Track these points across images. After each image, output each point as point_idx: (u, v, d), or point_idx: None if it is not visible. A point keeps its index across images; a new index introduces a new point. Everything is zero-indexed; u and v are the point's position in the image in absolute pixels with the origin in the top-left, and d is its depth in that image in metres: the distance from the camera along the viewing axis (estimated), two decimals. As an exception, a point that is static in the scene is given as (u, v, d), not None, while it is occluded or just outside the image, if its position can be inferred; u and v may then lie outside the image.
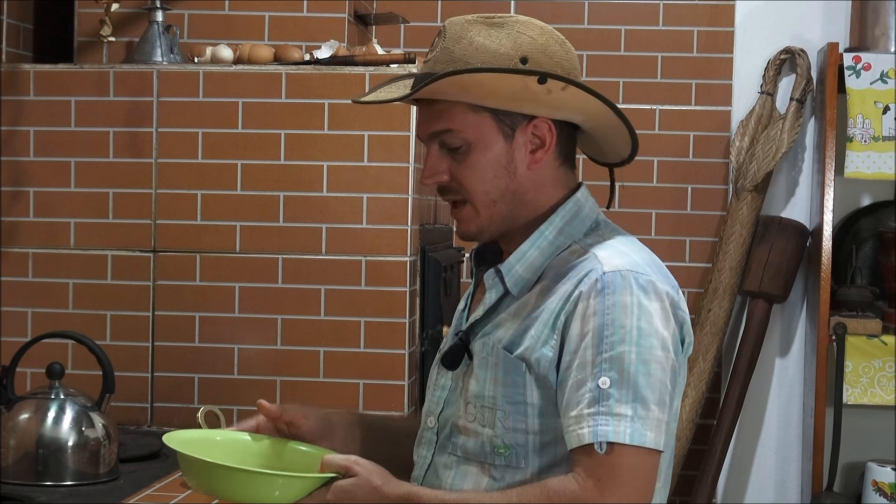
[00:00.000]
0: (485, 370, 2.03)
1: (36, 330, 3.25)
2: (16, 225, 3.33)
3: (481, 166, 2.03)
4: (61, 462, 2.67)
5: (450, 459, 2.07)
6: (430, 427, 2.12)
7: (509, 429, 1.99)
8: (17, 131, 3.33)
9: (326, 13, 3.51)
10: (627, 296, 1.92)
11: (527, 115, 2.03)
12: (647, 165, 4.08)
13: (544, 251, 2.04)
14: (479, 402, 2.03)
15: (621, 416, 1.87)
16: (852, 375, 3.81)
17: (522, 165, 2.04)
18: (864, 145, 3.76)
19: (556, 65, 2.01)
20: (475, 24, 2.02)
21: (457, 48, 2.01)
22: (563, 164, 2.08)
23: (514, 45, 2.00)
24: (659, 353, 1.92)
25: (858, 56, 3.78)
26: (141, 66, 3.34)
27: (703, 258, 4.09)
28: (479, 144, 2.02)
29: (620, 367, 1.89)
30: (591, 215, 2.08)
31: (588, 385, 1.89)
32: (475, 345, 2.06)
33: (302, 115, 3.27)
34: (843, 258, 4.05)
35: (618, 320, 1.91)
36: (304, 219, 3.27)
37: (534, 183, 2.05)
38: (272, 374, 3.27)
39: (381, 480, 1.95)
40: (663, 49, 4.08)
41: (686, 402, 3.95)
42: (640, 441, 1.88)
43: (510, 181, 2.04)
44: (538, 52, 2.00)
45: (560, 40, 2.04)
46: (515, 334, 2.00)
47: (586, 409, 1.88)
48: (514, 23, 2.02)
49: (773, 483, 4.15)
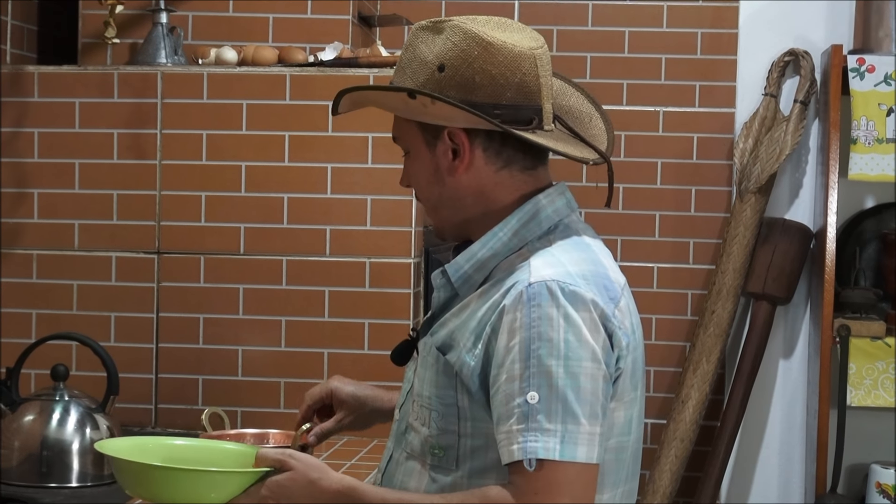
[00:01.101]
0: (424, 369, 2.04)
1: (40, 331, 3.25)
2: (20, 226, 3.33)
3: (416, 174, 2.08)
4: (65, 464, 2.68)
5: (401, 455, 2.08)
6: (396, 419, 2.14)
7: (443, 430, 1.99)
8: (21, 132, 3.33)
9: (330, 15, 3.51)
10: (553, 308, 1.89)
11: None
12: (651, 167, 4.08)
13: (497, 252, 2.02)
14: (420, 401, 2.03)
15: (550, 431, 1.85)
16: (856, 377, 3.81)
17: (447, 172, 2.04)
18: (867, 147, 3.76)
19: (475, 71, 1.98)
20: (424, 31, 2.04)
21: (404, 55, 2.06)
22: (503, 168, 2.04)
23: (438, 53, 2.00)
24: (588, 365, 1.88)
25: (862, 58, 3.77)
26: (145, 68, 3.34)
27: (707, 260, 4.09)
28: (413, 152, 2.07)
29: (549, 382, 1.86)
30: (554, 218, 2.04)
31: (517, 400, 1.87)
32: (421, 343, 2.07)
33: (306, 117, 3.27)
34: (846, 260, 4.05)
35: (545, 333, 1.88)
36: (308, 220, 3.28)
37: (469, 188, 2.04)
38: (276, 376, 3.27)
39: (317, 474, 1.93)
40: (667, 51, 4.08)
41: (689, 404, 3.95)
42: (571, 456, 1.85)
43: (441, 188, 2.05)
44: (456, 58, 1.99)
45: (484, 44, 1.98)
46: (448, 336, 2.00)
47: (515, 426, 1.86)
48: (450, 28, 2.01)
49: (776, 485, 4.15)
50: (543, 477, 1.84)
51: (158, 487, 1.93)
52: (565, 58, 4.05)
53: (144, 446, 2.10)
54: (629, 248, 4.06)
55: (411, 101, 1.98)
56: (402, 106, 2.02)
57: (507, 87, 1.99)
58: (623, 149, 4.04)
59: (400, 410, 2.12)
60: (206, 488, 1.91)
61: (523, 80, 2.00)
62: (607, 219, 4.02)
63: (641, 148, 4.06)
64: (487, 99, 1.97)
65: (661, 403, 4.08)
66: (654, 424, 4.07)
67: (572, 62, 4.06)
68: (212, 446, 2.14)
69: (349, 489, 1.93)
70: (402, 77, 2.04)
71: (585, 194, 2.37)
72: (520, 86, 1.99)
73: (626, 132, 4.04)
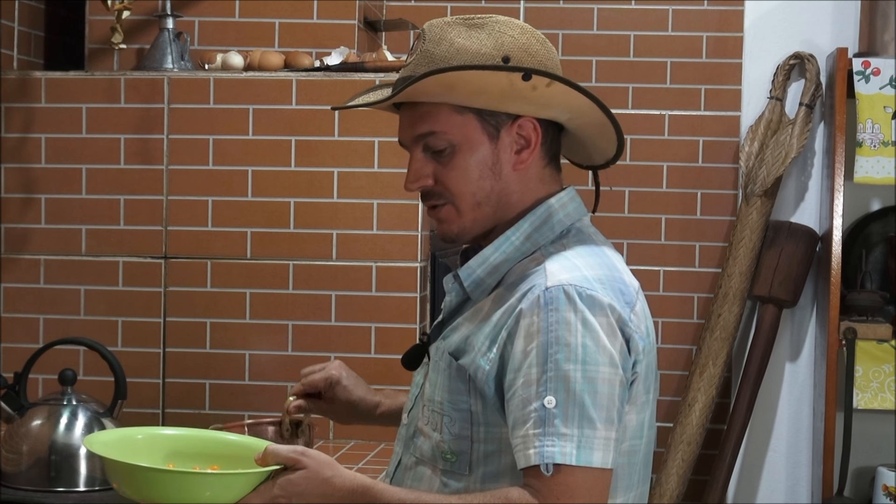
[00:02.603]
0: (436, 374, 2.02)
1: (48, 336, 3.25)
2: (27, 231, 3.34)
3: (467, 168, 2.00)
4: (74, 468, 2.68)
5: (410, 460, 2.06)
6: (404, 423, 2.12)
7: (455, 435, 1.97)
8: (28, 138, 3.34)
9: (336, 20, 3.52)
10: (571, 312, 1.88)
11: (511, 115, 2.00)
12: (657, 170, 4.08)
13: (509, 256, 2.02)
14: (431, 406, 2.02)
15: (567, 436, 1.85)
16: (862, 380, 3.81)
17: (508, 166, 2.01)
18: (873, 150, 3.76)
19: (538, 63, 1.99)
20: (455, 26, 2.00)
21: (437, 50, 1.99)
22: (548, 164, 2.05)
23: (496, 45, 1.98)
24: (605, 370, 1.88)
25: (868, 61, 3.78)
26: (152, 73, 3.34)
27: (713, 263, 4.09)
28: (464, 146, 2.00)
29: (566, 387, 1.86)
30: (565, 221, 2.04)
31: (534, 405, 1.86)
32: (432, 347, 2.06)
33: (312, 122, 3.28)
34: (852, 263, 4.04)
35: (562, 338, 1.87)
36: (315, 225, 3.28)
37: (519, 184, 2.03)
38: (283, 380, 3.28)
39: (330, 472, 1.89)
40: (672, 54, 4.09)
41: (696, 407, 3.95)
42: (587, 461, 1.85)
43: (495, 182, 2.01)
44: (520, 50, 1.98)
45: (541, 39, 2.02)
46: (462, 340, 1.99)
47: (532, 430, 1.86)
48: (495, 23, 2.00)
49: (783, 488, 4.15)
50: (560, 482, 1.84)
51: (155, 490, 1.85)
52: (571, 61, 4.06)
53: (133, 438, 2.03)
54: (635, 252, 4.07)
55: (519, 84, 1.93)
56: (498, 90, 1.95)
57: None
58: (629, 152, 4.05)
59: (408, 415, 2.11)
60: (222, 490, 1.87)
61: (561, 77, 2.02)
62: (614, 222, 4.02)
63: (647, 151, 4.06)
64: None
65: (668, 407, 4.08)
66: (660, 428, 4.07)
67: (578, 66, 4.07)
68: (207, 437, 2.09)
69: (363, 487, 1.90)
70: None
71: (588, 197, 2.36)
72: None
73: (632, 136, 4.04)
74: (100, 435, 2.01)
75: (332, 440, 3.27)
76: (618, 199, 4.04)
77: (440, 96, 1.98)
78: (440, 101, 1.99)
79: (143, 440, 2.05)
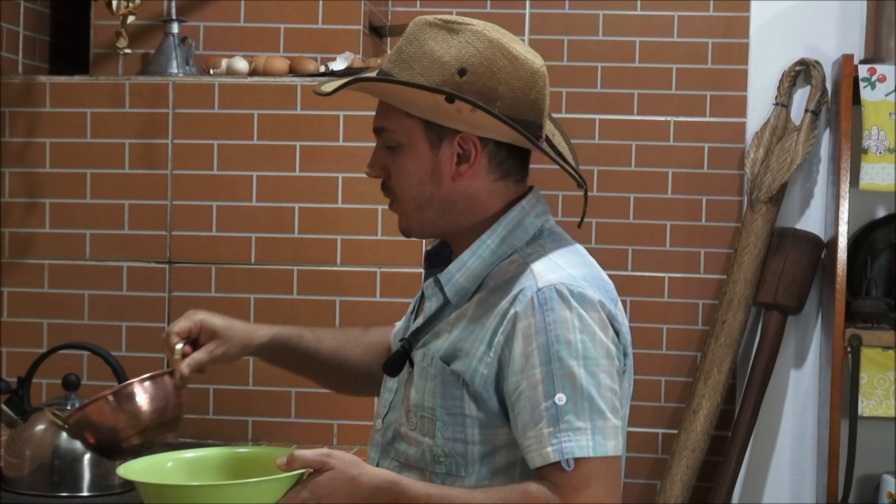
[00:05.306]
0: (424, 380, 2.03)
1: (51, 341, 3.26)
2: (31, 236, 3.34)
3: (408, 170, 2.03)
4: (76, 473, 2.69)
5: (392, 465, 2.07)
6: (378, 429, 2.14)
7: (449, 439, 2.00)
8: (32, 143, 3.34)
9: (341, 25, 3.52)
10: (566, 310, 1.93)
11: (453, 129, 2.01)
12: (662, 177, 4.07)
13: (486, 260, 2.04)
14: (420, 412, 2.03)
15: (581, 429, 1.90)
16: (867, 387, 3.80)
17: (447, 176, 2.02)
18: (878, 157, 3.76)
19: (498, 81, 1.97)
20: (434, 27, 2.00)
21: (408, 49, 2.00)
22: (500, 178, 2.05)
23: (457, 56, 1.97)
24: (604, 363, 1.94)
25: (873, 68, 3.77)
26: (156, 78, 3.35)
27: (718, 269, 4.09)
28: (408, 148, 2.03)
29: (573, 383, 1.90)
30: (536, 223, 2.06)
31: (544, 404, 1.91)
32: (416, 354, 2.06)
33: (316, 127, 3.28)
34: (857, 269, 4.04)
35: (562, 336, 1.92)
36: (319, 230, 3.28)
37: (464, 194, 2.04)
38: (287, 385, 3.27)
39: (356, 470, 1.91)
40: (678, 60, 4.08)
41: (701, 414, 3.95)
42: (603, 451, 1.91)
43: (435, 189, 2.03)
44: (480, 65, 1.97)
45: (511, 56, 1.98)
46: (452, 346, 2.00)
47: (546, 429, 1.90)
48: (470, 31, 1.99)
49: (787, 495, 4.14)
50: (579, 474, 1.89)
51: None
52: (576, 68, 4.05)
53: (163, 466, 2.09)
54: (640, 258, 4.06)
55: (444, 104, 1.95)
56: (426, 105, 1.98)
57: (524, 102, 1.99)
58: (634, 158, 4.04)
59: (383, 420, 2.12)
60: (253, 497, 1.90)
61: (536, 97, 2.01)
62: (618, 228, 4.02)
63: (652, 158, 4.06)
64: (506, 111, 1.97)
65: (672, 413, 4.07)
66: (665, 434, 4.07)
67: (583, 72, 4.06)
68: (228, 453, 2.14)
69: (389, 483, 1.92)
70: (409, 72, 1.99)
71: (593, 203, 2.36)
72: (533, 102, 2.00)
73: (637, 142, 4.04)
74: (133, 464, 2.06)
75: (335, 447, 3.27)
76: (622, 206, 4.04)
77: (383, 97, 2.03)
78: (386, 101, 2.03)
79: (172, 467, 2.10)
